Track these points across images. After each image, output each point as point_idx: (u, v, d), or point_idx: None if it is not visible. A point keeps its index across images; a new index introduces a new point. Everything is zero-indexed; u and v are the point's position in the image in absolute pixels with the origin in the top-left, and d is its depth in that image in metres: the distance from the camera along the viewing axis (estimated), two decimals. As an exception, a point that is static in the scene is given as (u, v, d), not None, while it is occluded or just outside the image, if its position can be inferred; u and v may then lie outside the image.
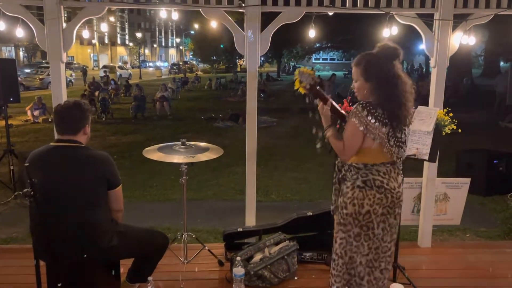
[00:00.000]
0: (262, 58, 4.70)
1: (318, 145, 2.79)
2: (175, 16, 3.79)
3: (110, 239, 2.60)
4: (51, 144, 2.68)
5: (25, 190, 2.26)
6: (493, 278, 3.57)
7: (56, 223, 2.45)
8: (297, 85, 2.57)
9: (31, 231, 2.58)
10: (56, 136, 2.74)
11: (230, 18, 3.70)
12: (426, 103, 3.68)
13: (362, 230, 2.44)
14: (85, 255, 2.53)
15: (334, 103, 2.58)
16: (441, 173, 4.01)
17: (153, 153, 3.37)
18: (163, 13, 3.82)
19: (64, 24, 3.62)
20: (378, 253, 2.48)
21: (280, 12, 3.71)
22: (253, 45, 3.71)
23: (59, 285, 2.45)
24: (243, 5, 3.64)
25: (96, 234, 2.55)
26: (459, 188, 4.05)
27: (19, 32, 3.65)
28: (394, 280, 3.35)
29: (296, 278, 3.47)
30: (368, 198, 2.40)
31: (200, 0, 3.66)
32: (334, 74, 20.17)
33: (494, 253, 4.05)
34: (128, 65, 50.73)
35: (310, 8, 3.72)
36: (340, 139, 2.46)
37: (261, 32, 3.70)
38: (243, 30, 3.71)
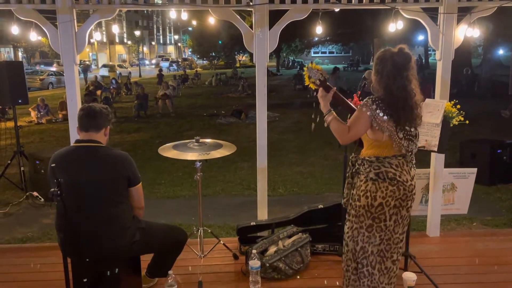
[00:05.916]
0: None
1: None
2: (184, 16, 3.86)
3: (133, 235, 2.69)
4: (72, 145, 2.77)
5: (52, 189, 2.34)
6: (502, 265, 3.65)
7: (81, 220, 2.54)
8: (307, 81, 2.66)
9: (57, 228, 2.67)
10: (74, 135, 2.81)
11: (238, 17, 3.77)
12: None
13: (374, 222, 2.51)
14: (109, 251, 2.62)
15: (342, 96, 2.67)
16: (445, 164, 4.08)
17: (168, 151, 3.45)
18: (172, 13, 3.89)
19: (77, 27, 3.70)
20: (389, 244, 2.55)
21: (288, 10, 3.78)
22: (261, 43, 3.78)
23: (85, 280, 2.55)
24: (251, 3, 3.71)
25: (119, 230, 2.63)
26: (466, 178, 4.14)
27: (33, 36, 3.72)
28: (405, 268, 3.43)
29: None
30: (381, 191, 2.47)
31: (209, 0, 3.73)
32: (337, 68, 19.83)
33: (501, 241, 4.14)
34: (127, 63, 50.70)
35: (317, 5, 3.79)
36: (343, 123, 2.56)
37: (269, 29, 3.77)
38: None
